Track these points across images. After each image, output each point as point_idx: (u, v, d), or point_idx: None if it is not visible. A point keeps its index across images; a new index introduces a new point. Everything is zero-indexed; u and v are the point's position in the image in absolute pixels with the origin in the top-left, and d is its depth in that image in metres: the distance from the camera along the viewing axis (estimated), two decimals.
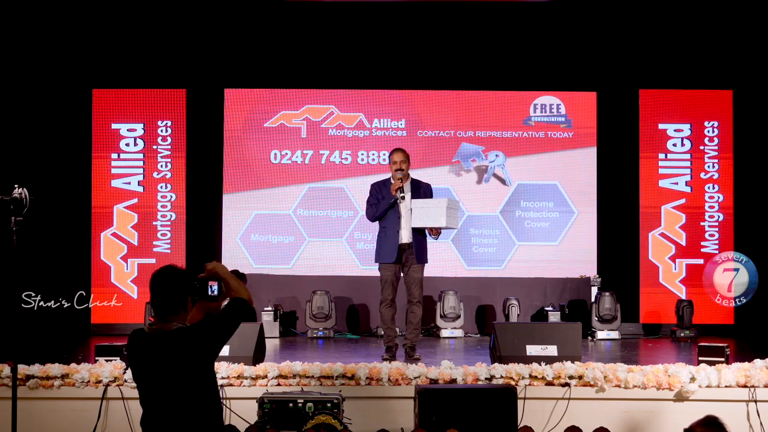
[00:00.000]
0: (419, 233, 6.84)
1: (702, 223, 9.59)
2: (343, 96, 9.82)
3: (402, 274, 6.91)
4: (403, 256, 6.83)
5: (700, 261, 9.50)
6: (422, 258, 6.87)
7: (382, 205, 6.83)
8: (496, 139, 9.76)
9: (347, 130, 9.78)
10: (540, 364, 5.70)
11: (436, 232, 6.82)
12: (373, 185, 7.02)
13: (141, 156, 9.58)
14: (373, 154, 9.75)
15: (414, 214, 6.71)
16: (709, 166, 9.62)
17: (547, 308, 9.09)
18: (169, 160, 9.59)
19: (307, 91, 9.81)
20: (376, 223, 6.97)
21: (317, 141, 9.77)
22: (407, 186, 6.87)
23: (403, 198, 6.81)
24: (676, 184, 9.63)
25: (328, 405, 5.17)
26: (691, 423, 3.25)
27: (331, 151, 9.77)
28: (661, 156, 9.63)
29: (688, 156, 9.65)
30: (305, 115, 9.78)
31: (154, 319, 3.64)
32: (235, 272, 3.73)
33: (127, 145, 9.56)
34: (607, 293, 8.98)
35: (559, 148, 9.75)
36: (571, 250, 9.66)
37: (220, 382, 5.48)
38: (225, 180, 9.69)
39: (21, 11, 8.72)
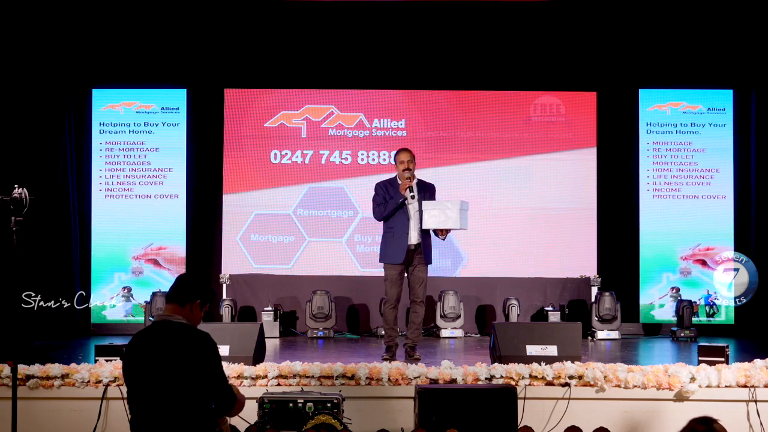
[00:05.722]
0: (425, 233, 6.80)
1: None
2: (343, 96, 9.82)
3: (406, 274, 6.90)
4: (411, 256, 6.82)
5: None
6: (429, 259, 6.86)
7: (390, 205, 6.78)
8: (496, 139, 9.75)
9: (347, 130, 9.78)
10: (540, 364, 5.70)
11: (444, 233, 6.80)
12: (378, 184, 6.96)
13: (140, 155, 9.58)
14: (373, 154, 9.75)
15: (426, 215, 6.65)
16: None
17: (547, 308, 9.08)
18: (169, 159, 9.59)
19: (307, 91, 9.81)
20: (380, 225, 6.94)
21: (317, 141, 9.77)
22: (414, 186, 6.82)
23: (413, 198, 6.78)
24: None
25: (328, 405, 5.17)
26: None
27: (331, 151, 9.77)
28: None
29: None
30: (305, 115, 9.78)
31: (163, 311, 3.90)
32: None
33: (129, 142, 9.59)
34: (607, 293, 8.98)
35: (559, 148, 9.75)
36: (571, 250, 9.66)
37: None
38: (225, 180, 9.70)
39: (21, 10, 8.71)
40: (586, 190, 9.71)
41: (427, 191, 6.88)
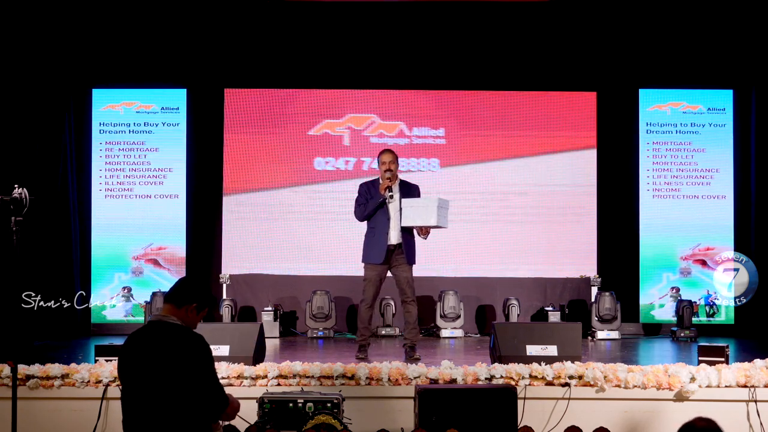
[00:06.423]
0: (408, 233, 6.80)
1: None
2: (343, 96, 9.81)
3: (391, 275, 6.90)
4: (392, 257, 6.81)
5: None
6: (411, 259, 6.84)
7: (370, 205, 6.79)
8: (495, 139, 9.75)
9: (347, 130, 9.78)
10: (540, 364, 5.70)
11: (425, 231, 6.78)
12: (361, 185, 6.98)
13: (140, 155, 9.58)
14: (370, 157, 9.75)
15: (404, 213, 6.66)
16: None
17: (547, 308, 9.08)
18: (169, 159, 9.59)
19: (307, 91, 9.80)
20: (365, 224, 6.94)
21: (317, 141, 9.77)
22: (396, 186, 6.81)
23: (392, 198, 6.76)
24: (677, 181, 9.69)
25: (328, 405, 5.17)
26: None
27: (331, 152, 9.77)
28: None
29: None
30: (305, 114, 9.78)
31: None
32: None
33: (129, 142, 9.59)
34: (607, 293, 8.98)
35: (559, 148, 9.75)
36: (571, 250, 9.66)
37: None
38: (225, 180, 9.69)
39: (21, 10, 8.71)
40: (586, 190, 9.71)
41: (410, 192, 6.87)
